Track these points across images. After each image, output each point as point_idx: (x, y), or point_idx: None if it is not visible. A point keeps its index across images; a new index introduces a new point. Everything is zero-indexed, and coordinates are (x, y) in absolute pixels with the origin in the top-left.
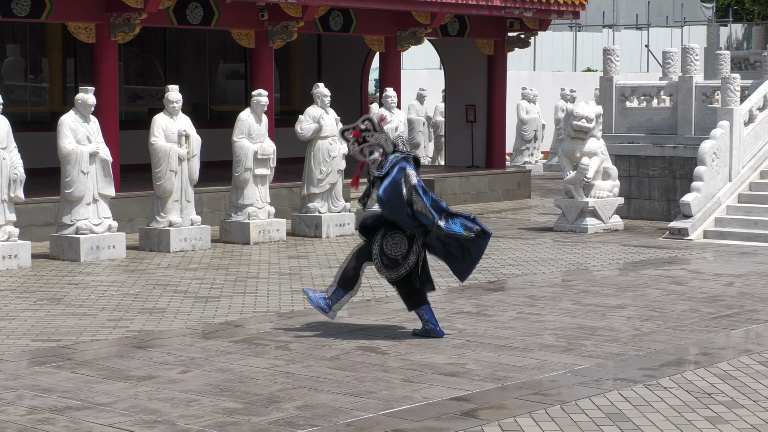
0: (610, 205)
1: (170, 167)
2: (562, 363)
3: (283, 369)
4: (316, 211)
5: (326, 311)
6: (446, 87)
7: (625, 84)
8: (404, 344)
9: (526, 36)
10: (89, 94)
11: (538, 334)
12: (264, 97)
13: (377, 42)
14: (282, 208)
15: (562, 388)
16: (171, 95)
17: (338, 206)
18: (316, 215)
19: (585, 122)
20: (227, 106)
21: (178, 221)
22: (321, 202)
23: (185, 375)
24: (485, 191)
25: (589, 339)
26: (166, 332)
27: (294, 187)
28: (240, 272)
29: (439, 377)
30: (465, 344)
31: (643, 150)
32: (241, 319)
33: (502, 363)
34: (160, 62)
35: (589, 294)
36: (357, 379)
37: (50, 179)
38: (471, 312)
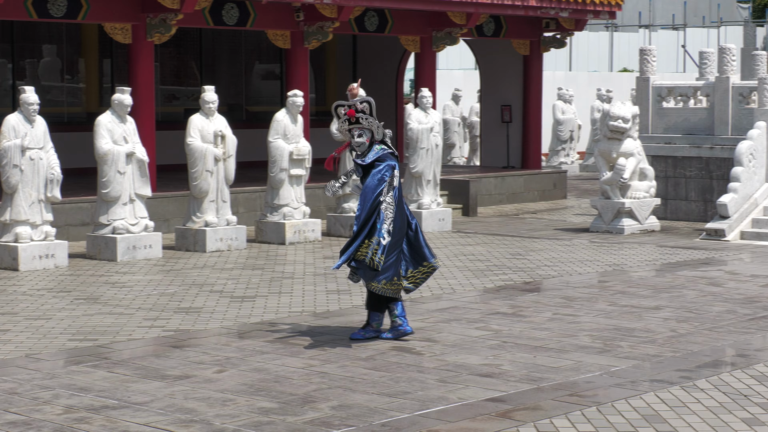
0: (647, 206)
1: (206, 167)
2: (598, 364)
3: (318, 369)
4: (351, 212)
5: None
6: (482, 87)
7: (662, 84)
8: (439, 345)
9: (562, 36)
10: (126, 95)
11: (574, 335)
12: (299, 98)
13: (412, 42)
14: (317, 208)
15: (599, 390)
16: (207, 96)
17: None
18: (351, 215)
19: (621, 123)
20: (263, 106)
21: (214, 221)
22: (356, 203)
23: (221, 374)
24: (521, 192)
25: (626, 340)
26: (202, 332)
27: None
28: (275, 272)
29: (475, 378)
30: (500, 345)
31: (680, 150)
32: (277, 319)
33: (537, 364)
34: (196, 63)
35: (625, 295)
36: (392, 379)
37: (87, 179)
38: (506, 313)
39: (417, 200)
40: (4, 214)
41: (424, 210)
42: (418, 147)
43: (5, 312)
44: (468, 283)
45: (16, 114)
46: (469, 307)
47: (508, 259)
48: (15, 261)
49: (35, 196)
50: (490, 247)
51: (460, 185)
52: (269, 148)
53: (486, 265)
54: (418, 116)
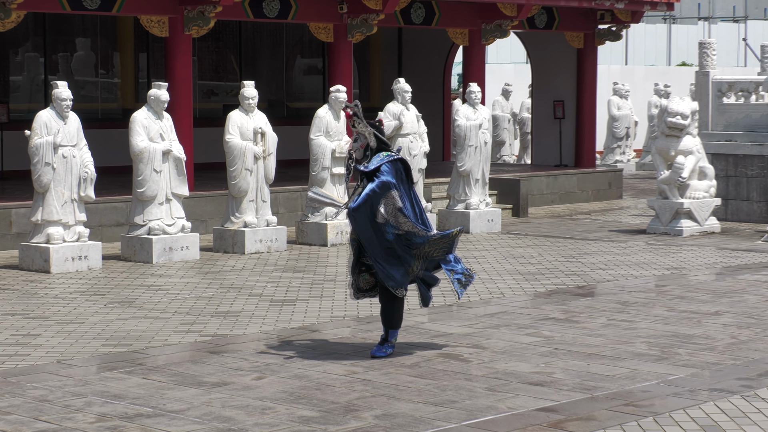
0: (707, 207)
1: (245, 166)
2: (655, 372)
3: (361, 376)
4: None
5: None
6: (533, 82)
7: (722, 79)
8: (488, 352)
9: (618, 28)
10: (162, 90)
11: (629, 341)
12: (342, 93)
13: (461, 35)
14: None
15: (655, 399)
16: (247, 91)
17: None
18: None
19: (680, 119)
20: (304, 102)
21: (253, 222)
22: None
23: (260, 381)
24: (574, 191)
25: (684, 347)
26: (240, 337)
27: None
28: (317, 275)
29: (525, 386)
30: (552, 352)
31: (741, 148)
32: (318, 324)
33: (591, 372)
34: (236, 57)
35: (683, 300)
36: (438, 387)
37: (122, 178)
38: (559, 318)
39: (465, 200)
40: (36, 214)
41: (472, 210)
42: (466, 144)
43: (36, 316)
44: (518, 287)
45: (49, 110)
46: (519, 312)
47: (560, 262)
48: (47, 263)
49: (68, 196)
50: (541, 250)
51: (510, 184)
52: (311, 146)
53: (537, 268)
54: (467, 112)
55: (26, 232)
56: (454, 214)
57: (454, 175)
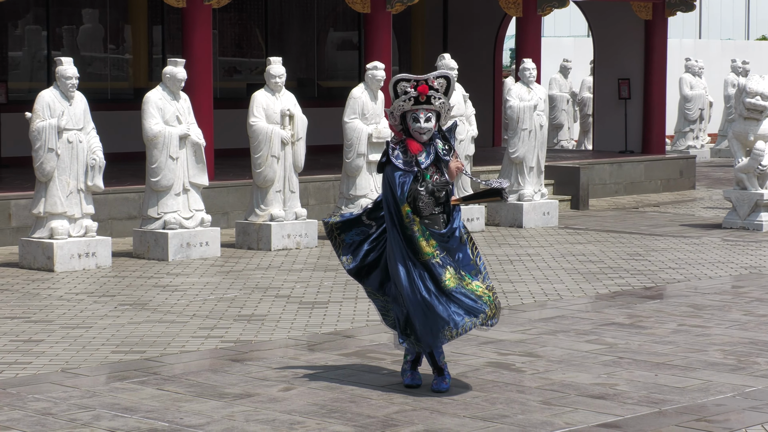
0: None
1: (272, 152)
2: (730, 384)
3: (400, 387)
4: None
5: None
6: (595, 58)
7: None
8: (543, 361)
9: None
10: (179, 68)
11: (702, 350)
12: (380, 71)
13: (513, 5)
14: None
15: (731, 414)
16: (273, 69)
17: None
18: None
19: (760, 99)
20: (338, 81)
21: (280, 215)
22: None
23: (288, 393)
24: (641, 181)
25: (763, 356)
26: (266, 343)
27: None
28: None
29: (585, 400)
30: (616, 361)
31: None
32: (353, 329)
33: (659, 384)
34: (261, 30)
35: (763, 303)
36: (487, 400)
37: (134, 166)
38: (623, 323)
39: (518, 190)
40: (38, 206)
41: (526, 202)
42: (520, 128)
43: (39, 320)
44: (577, 288)
45: (52, 89)
46: (578, 316)
47: (625, 260)
48: (50, 260)
49: (74, 185)
50: (603, 246)
51: (569, 173)
52: (345, 130)
53: (599, 267)
54: (520, 92)
55: (27, 226)
56: (506, 206)
57: (506, 163)
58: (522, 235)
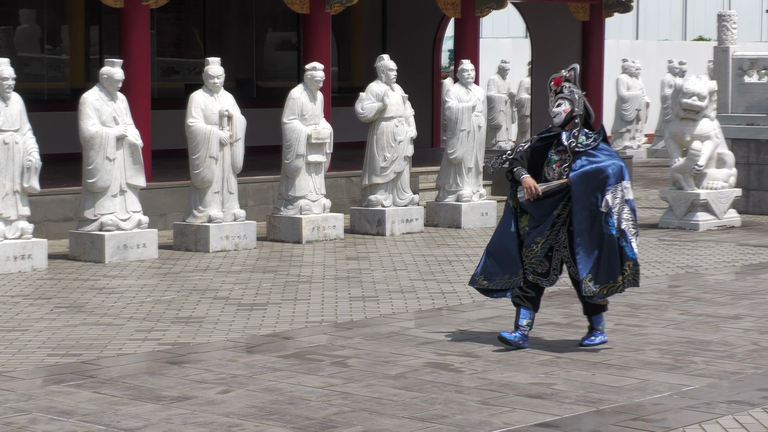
0: (726, 198)
1: (210, 153)
2: (667, 383)
3: (340, 389)
4: (379, 205)
5: (524, 345)
6: (533, 59)
7: (744, 55)
8: (481, 361)
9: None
10: (116, 68)
11: (639, 349)
12: (319, 72)
13: (452, 6)
14: (339, 200)
15: (668, 413)
16: (211, 69)
17: (405, 199)
18: (379, 209)
19: (696, 100)
20: (277, 81)
21: (218, 216)
22: (385, 194)
23: (226, 395)
24: None
25: (700, 355)
26: (204, 345)
27: (353, 176)
28: (290, 275)
29: (523, 399)
30: (553, 361)
31: (765, 133)
32: (292, 331)
33: (596, 383)
34: (199, 31)
35: (699, 302)
36: (426, 401)
37: (70, 167)
38: (560, 323)
39: (456, 191)
40: None
41: (464, 203)
42: (458, 129)
43: None
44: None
45: None
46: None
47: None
48: None
49: (9, 187)
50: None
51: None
52: (284, 131)
53: None
54: (458, 93)
55: None
56: (445, 206)
57: (445, 163)
58: (461, 236)
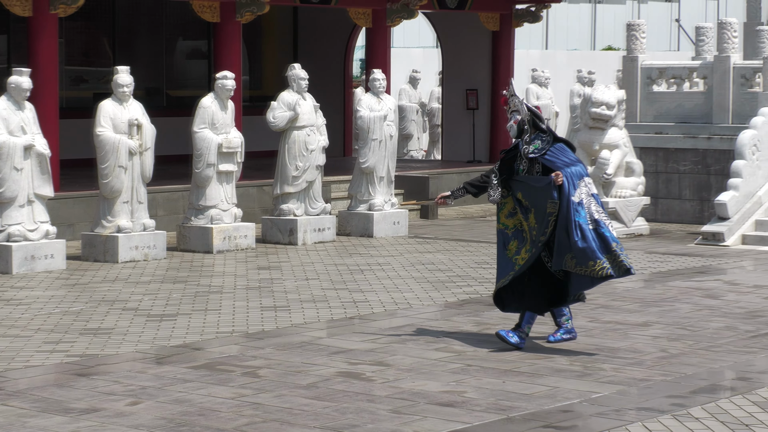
0: (634, 206)
1: (119, 162)
2: (577, 390)
3: (250, 399)
4: (291, 214)
5: (521, 346)
6: (444, 69)
7: (652, 65)
8: (393, 369)
9: (537, 9)
10: (24, 77)
11: (549, 356)
12: (230, 81)
13: (363, 16)
14: (251, 210)
15: (578, 420)
16: (120, 78)
17: (316, 208)
18: (291, 218)
19: (605, 109)
20: (187, 90)
21: (127, 226)
22: (296, 203)
23: (135, 407)
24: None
25: (609, 362)
26: (112, 357)
27: (265, 185)
28: (201, 286)
29: (434, 407)
30: (464, 369)
31: (673, 141)
32: (202, 341)
33: (507, 390)
34: (109, 39)
35: (608, 310)
36: (337, 410)
37: None
38: (471, 331)
39: (368, 200)
40: None
41: (376, 212)
42: (370, 138)
43: None
44: (427, 296)
45: None
46: (427, 325)
47: (473, 268)
48: None
49: None
50: (452, 255)
51: (418, 183)
52: (194, 140)
53: (448, 275)
54: (370, 102)
55: None
56: (356, 215)
57: (356, 173)
58: (372, 245)
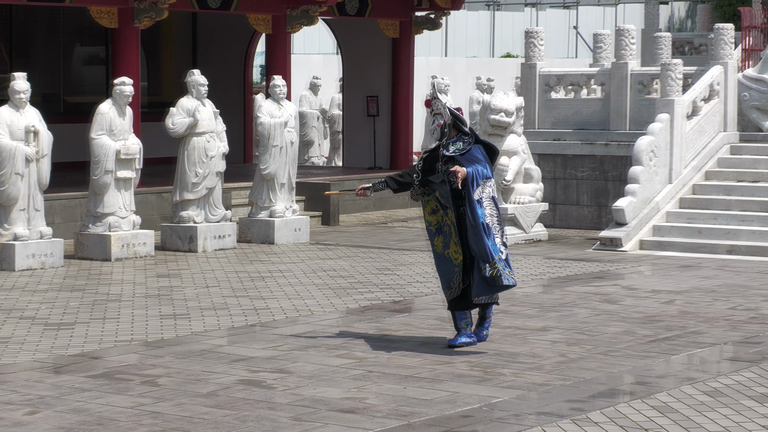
0: (533, 212)
1: (15, 170)
2: (477, 395)
3: (150, 408)
4: (191, 221)
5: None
6: (344, 75)
7: (550, 72)
8: (294, 377)
9: (437, 16)
10: None
11: (449, 362)
12: (128, 87)
13: (263, 22)
14: (150, 217)
15: (478, 425)
16: (17, 84)
17: (217, 215)
18: (191, 226)
19: (504, 116)
20: (84, 96)
21: (24, 234)
22: (196, 210)
23: (33, 417)
24: (389, 197)
25: (508, 367)
26: (9, 366)
27: (164, 192)
28: (99, 294)
29: (335, 414)
30: (365, 375)
31: (571, 148)
32: (101, 350)
33: (408, 396)
34: (5, 45)
35: (507, 315)
36: (238, 418)
37: None
38: (373, 337)
39: (269, 207)
40: None
41: (277, 218)
42: (270, 144)
43: None
44: (328, 303)
45: None
46: (329, 331)
47: (374, 274)
48: None
49: None
50: (353, 261)
51: (320, 189)
52: (92, 146)
53: (349, 282)
54: (270, 108)
55: None
56: (257, 222)
57: (257, 179)
58: (274, 252)
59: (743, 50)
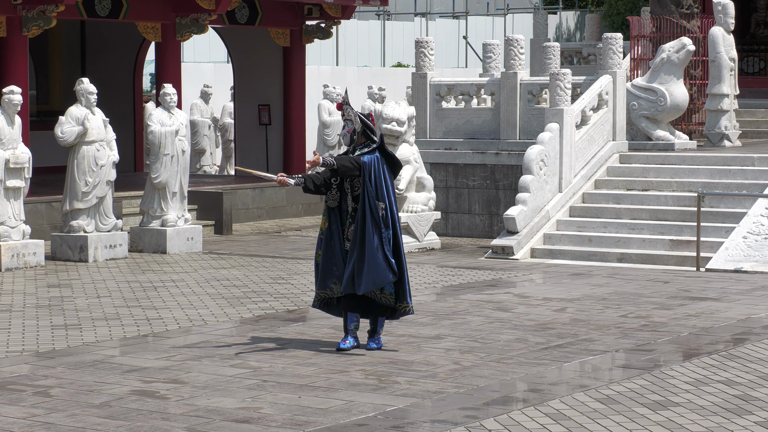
0: (425, 221)
1: None
2: (372, 404)
3: (42, 419)
4: (81, 230)
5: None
6: (235, 84)
7: (441, 81)
8: (188, 387)
9: (327, 25)
10: None
11: (344, 370)
12: (17, 95)
13: (152, 30)
14: (39, 226)
15: None
16: None
17: (108, 224)
18: (81, 235)
19: (396, 125)
20: None
21: None
22: (87, 220)
23: None
24: (283, 205)
25: (403, 375)
26: None
27: (54, 201)
28: None
29: (230, 424)
30: (260, 384)
31: (462, 157)
32: None
33: (302, 405)
34: None
35: (401, 323)
36: (132, 429)
37: None
38: (267, 347)
39: (161, 216)
40: None
41: (170, 228)
42: (161, 153)
43: None
44: (222, 312)
45: None
46: (223, 341)
47: (268, 284)
48: None
49: None
50: (247, 271)
51: (212, 198)
52: None
53: (243, 291)
54: (161, 117)
55: None
56: (149, 231)
57: (148, 188)
58: (166, 261)
59: (632, 59)
